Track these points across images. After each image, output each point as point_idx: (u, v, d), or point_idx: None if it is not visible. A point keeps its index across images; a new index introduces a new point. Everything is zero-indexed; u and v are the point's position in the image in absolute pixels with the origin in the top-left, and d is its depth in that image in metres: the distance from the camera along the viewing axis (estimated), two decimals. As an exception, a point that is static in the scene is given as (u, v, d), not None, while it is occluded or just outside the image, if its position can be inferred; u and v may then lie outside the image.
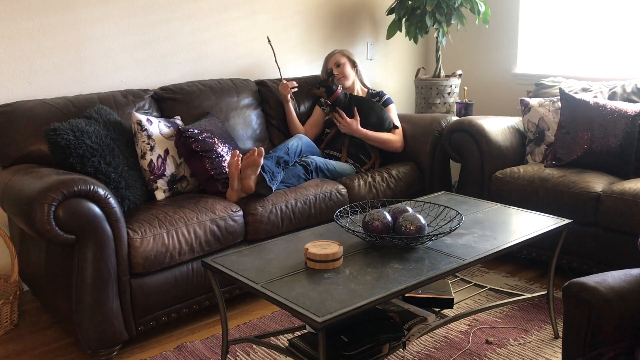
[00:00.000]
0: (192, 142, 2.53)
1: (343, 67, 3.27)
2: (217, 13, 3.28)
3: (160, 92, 2.91)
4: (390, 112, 3.25)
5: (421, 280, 1.67)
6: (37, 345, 2.30)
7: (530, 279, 2.81)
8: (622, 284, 1.43)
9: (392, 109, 3.28)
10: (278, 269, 1.76)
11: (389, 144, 3.17)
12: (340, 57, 3.29)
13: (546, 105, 3.06)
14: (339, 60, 3.28)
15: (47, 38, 2.72)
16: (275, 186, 2.60)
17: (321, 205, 2.73)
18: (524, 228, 2.11)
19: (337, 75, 3.23)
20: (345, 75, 3.26)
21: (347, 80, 3.27)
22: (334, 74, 3.17)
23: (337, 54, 3.31)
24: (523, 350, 2.18)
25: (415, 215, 1.88)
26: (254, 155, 2.42)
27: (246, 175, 2.45)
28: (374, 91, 3.35)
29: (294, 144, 2.85)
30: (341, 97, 3.10)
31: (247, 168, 2.44)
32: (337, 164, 3.01)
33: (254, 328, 2.38)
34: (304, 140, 2.95)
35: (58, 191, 1.91)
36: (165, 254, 2.21)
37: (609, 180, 2.67)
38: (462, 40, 4.10)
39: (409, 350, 2.18)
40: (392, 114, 3.26)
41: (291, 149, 2.80)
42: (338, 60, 3.29)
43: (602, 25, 3.48)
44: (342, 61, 3.27)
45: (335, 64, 3.27)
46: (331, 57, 3.33)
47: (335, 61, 3.28)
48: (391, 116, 3.23)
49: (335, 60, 3.29)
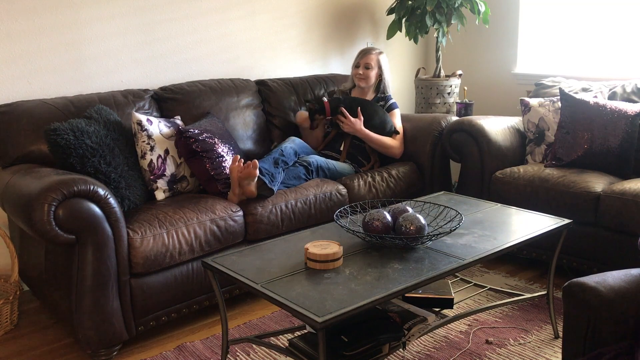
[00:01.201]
0: (193, 142, 2.53)
1: (369, 71, 3.21)
2: (217, 13, 3.28)
3: (160, 92, 2.91)
4: (394, 117, 3.23)
5: (421, 280, 1.67)
6: (37, 345, 2.30)
7: (530, 279, 2.81)
8: (622, 284, 1.43)
9: (397, 114, 3.27)
10: (278, 269, 1.76)
11: (389, 149, 3.17)
12: (373, 62, 3.21)
13: (546, 105, 3.06)
14: (369, 64, 3.21)
15: (47, 38, 2.72)
16: (277, 187, 2.60)
17: (321, 205, 2.73)
18: (524, 228, 2.11)
19: (360, 74, 3.20)
20: (366, 79, 3.21)
21: (364, 84, 3.23)
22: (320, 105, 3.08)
23: (373, 56, 3.22)
24: (523, 350, 2.18)
25: (415, 215, 1.88)
26: (249, 168, 2.43)
27: (245, 184, 2.47)
28: (381, 95, 3.30)
29: (288, 146, 2.86)
30: (340, 98, 3.10)
31: (243, 180, 2.46)
32: (337, 163, 3.01)
33: (254, 328, 2.38)
34: (297, 142, 2.95)
35: (58, 191, 1.91)
36: (165, 254, 2.21)
37: (609, 180, 2.67)
38: (462, 40, 4.10)
39: (409, 350, 2.18)
40: (396, 119, 3.24)
41: (285, 151, 2.81)
42: (369, 63, 3.21)
43: (602, 25, 3.48)
44: (372, 65, 3.20)
45: (365, 65, 3.21)
46: (366, 55, 3.23)
47: (366, 62, 3.21)
48: (394, 121, 3.22)
49: (366, 61, 3.21)
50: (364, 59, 3.23)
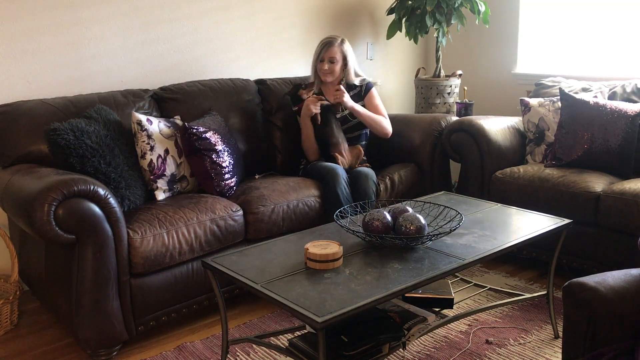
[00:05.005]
0: (195, 139, 2.53)
1: (335, 65, 3.01)
2: (217, 13, 3.28)
3: (160, 92, 2.91)
4: (374, 99, 3.08)
5: (421, 280, 1.67)
6: (37, 345, 2.30)
7: (530, 279, 2.81)
8: (622, 284, 1.43)
9: (374, 94, 3.10)
10: (278, 269, 1.76)
11: (380, 123, 3.02)
12: (337, 55, 3.00)
13: (546, 105, 3.06)
14: (334, 57, 3.00)
15: (47, 38, 2.72)
16: None
17: (321, 205, 2.72)
18: (524, 228, 2.11)
19: (326, 69, 3.01)
20: (332, 73, 3.03)
21: (331, 78, 3.05)
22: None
23: (336, 48, 3.00)
24: (523, 350, 2.18)
25: (415, 215, 1.88)
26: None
27: None
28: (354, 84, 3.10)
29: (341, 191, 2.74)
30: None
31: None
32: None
33: (254, 328, 2.38)
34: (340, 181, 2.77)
35: (58, 191, 1.91)
36: (165, 253, 2.21)
37: (609, 180, 2.67)
38: (462, 40, 4.10)
39: (409, 350, 2.18)
40: (376, 100, 3.09)
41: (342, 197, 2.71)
42: (333, 56, 3.00)
43: (602, 25, 3.48)
44: (337, 59, 3.01)
45: (329, 59, 3.00)
46: (329, 48, 3.00)
47: (330, 56, 3.00)
48: (375, 102, 3.07)
49: (330, 55, 3.00)
50: (328, 52, 3.00)
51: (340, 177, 2.73)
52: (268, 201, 2.56)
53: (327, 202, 2.70)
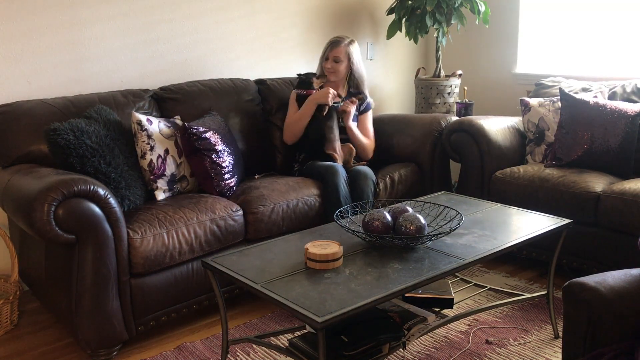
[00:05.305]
0: (195, 139, 2.53)
1: (339, 65, 3.07)
2: (217, 13, 3.28)
3: (160, 92, 2.91)
4: (367, 121, 3.15)
5: (421, 280, 1.67)
6: (37, 345, 2.30)
7: (530, 279, 2.81)
8: (622, 284, 1.43)
9: (370, 116, 3.17)
10: (278, 269, 1.76)
11: (365, 149, 3.09)
12: (342, 54, 3.06)
13: (546, 105, 3.06)
14: (338, 57, 3.06)
15: (47, 38, 2.72)
16: None
17: (321, 205, 2.72)
18: (524, 228, 2.11)
19: (329, 68, 3.06)
20: (335, 72, 3.08)
21: (334, 77, 3.09)
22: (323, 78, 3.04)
23: (342, 48, 3.06)
24: (523, 350, 2.18)
25: (415, 215, 1.88)
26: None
27: None
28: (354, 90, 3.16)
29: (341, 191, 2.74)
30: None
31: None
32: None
33: (254, 328, 2.38)
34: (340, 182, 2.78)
35: (58, 191, 1.91)
36: (165, 253, 2.21)
37: (609, 180, 2.67)
38: (462, 40, 4.10)
39: (409, 350, 2.18)
40: (368, 122, 3.16)
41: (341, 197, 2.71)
42: (338, 56, 3.06)
43: (602, 25, 3.48)
44: (341, 58, 3.06)
45: (334, 58, 3.07)
46: (335, 47, 3.07)
47: (334, 55, 3.06)
48: (368, 125, 3.13)
49: (335, 54, 3.06)
50: (333, 51, 3.06)
51: (340, 175, 2.74)
52: (268, 201, 2.56)
53: (328, 201, 2.70)
